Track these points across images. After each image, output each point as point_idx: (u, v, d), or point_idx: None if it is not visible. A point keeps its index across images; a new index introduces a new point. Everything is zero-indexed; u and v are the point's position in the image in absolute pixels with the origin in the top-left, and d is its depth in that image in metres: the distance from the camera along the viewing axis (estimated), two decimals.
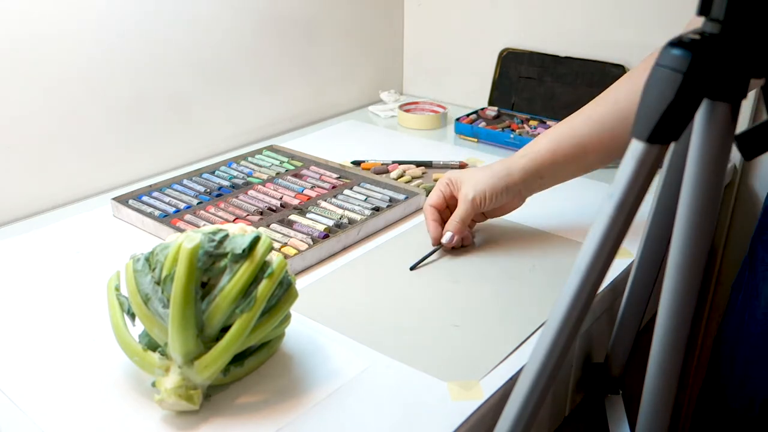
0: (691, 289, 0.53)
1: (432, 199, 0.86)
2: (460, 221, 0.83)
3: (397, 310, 0.74)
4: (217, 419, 0.59)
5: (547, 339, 0.50)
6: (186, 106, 1.11)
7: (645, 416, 0.62)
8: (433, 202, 0.86)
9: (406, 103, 1.37)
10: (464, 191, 0.83)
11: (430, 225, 0.85)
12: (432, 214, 0.85)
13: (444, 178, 0.86)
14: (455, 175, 0.85)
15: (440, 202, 0.86)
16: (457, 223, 0.83)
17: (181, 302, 0.56)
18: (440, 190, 0.86)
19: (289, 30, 1.24)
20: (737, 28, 0.42)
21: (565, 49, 1.25)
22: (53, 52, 0.92)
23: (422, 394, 0.62)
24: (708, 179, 0.47)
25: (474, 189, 0.82)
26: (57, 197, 0.98)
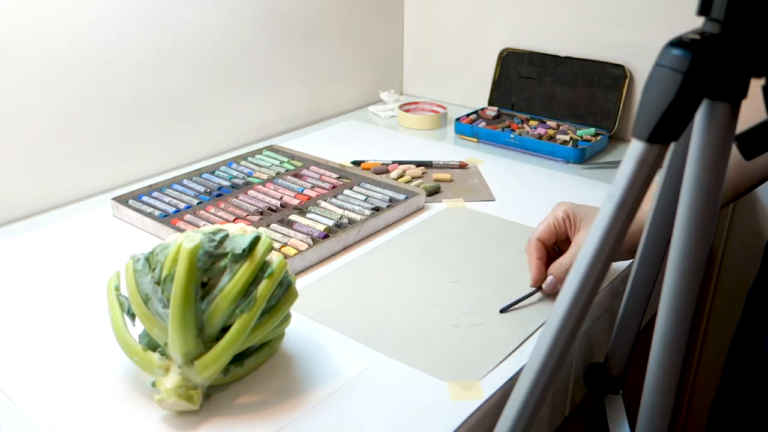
0: (691, 289, 0.53)
1: (542, 232, 0.75)
2: (566, 270, 0.71)
3: (397, 310, 0.74)
4: (217, 419, 0.59)
5: (547, 339, 0.50)
6: (186, 106, 1.11)
7: (645, 416, 0.62)
8: (542, 235, 0.74)
9: (406, 103, 1.37)
10: (581, 236, 0.72)
11: (533, 263, 0.74)
12: (539, 251, 0.74)
13: (560, 211, 0.74)
14: (575, 211, 0.74)
15: (550, 237, 0.74)
16: (563, 270, 0.72)
17: (181, 302, 0.56)
18: (553, 224, 0.74)
19: (290, 30, 1.24)
20: (737, 28, 0.42)
21: (565, 49, 1.25)
22: (53, 51, 0.92)
23: (422, 394, 0.62)
24: (708, 179, 0.47)
25: None
26: (57, 197, 0.98)
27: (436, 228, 0.91)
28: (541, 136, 1.18)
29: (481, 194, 1.02)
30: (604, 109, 1.21)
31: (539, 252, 0.74)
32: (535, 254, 0.74)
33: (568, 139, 1.16)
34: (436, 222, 0.93)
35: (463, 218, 0.94)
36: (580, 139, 1.17)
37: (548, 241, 0.75)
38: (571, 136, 1.17)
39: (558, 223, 0.74)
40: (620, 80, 1.19)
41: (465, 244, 0.87)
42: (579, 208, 0.75)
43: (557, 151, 1.14)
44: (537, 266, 0.74)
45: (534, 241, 0.75)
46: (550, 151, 1.15)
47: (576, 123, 1.23)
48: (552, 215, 0.75)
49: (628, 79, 1.19)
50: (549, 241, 0.75)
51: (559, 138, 1.17)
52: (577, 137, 1.17)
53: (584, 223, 0.73)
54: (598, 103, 1.22)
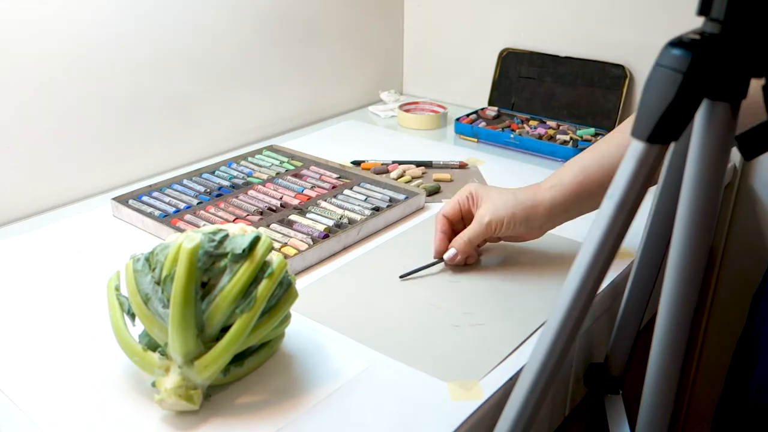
0: (691, 289, 0.53)
1: (447, 209, 0.81)
2: (467, 241, 0.78)
3: (397, 310, 0.74)
4: (217, 419, 0.59)
5: (547, 339, 0.50)
6: (186, 106, 1.11)
7: (645, 416, 0.62)
8: (447, 212, 0.81)
9: (406, 103, 1.37)
10: (482, 212, 0.78)
11: (437, 236, 0.81)
12: (443, 225, 0.81)
13: (465, 190, 0.81)
14: (479, 191, 0.80)
15: (455, 213, 0.81)
16: (464, 242, 0.78)
17: (181, 302, 0.56)
18: (458, 202, 0.81)
19: (290, 30, 1.24)
20: (737, 28, 0.42)
21: (565, 49, 1.25)
22: (53, 51, 0.92)
23: (422, 394, 0.62)
24: (708, 179, 0.47)
25: (492, 213, 0.77)
26: (57, 197, 0.98)
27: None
28: (541, 136, 1.18)
29: None
30: (604, 109, 1.21)
31: (443, 226, 0.81)
32: (439, 228, 0.81)
33: (568, 139, 1.16)
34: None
35: None
36: (580, 139, 1.17)
37: (453, 217, 0.81)
38: (571, 136, 1.17)
39: (462, 201, 0.81)
40: (620, 80, 1.19)
41: None
42: (483, 189, 0.80)
43: (557, 151, 1.14)
44: (440, 239, 0.81)
45: (439, 216, 0.82)
46: (550, 151, 1.15)
47: (576, 123, 1.23)
48: (458, 194, 0.82)
49: (628, 79, 1.19)
50: (454, 217, 0.81)
51: (559, 138, 1.17)
52: (577, 137, 1.17)
53: (483, 200, 0.79)
54: (598, 103, 1.22)
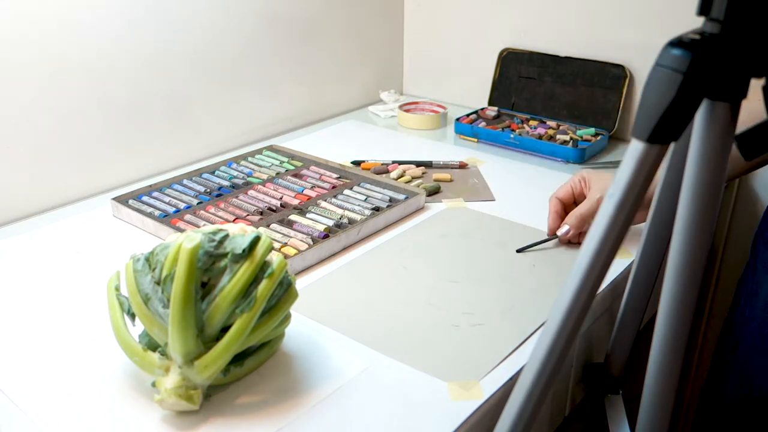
0: (691, 289, 0.53)
1: (560, 191, 0.87)
2: (579, 217, 0.83)
3: (397, 310, 0.74)
4: (217, 419, 0.59)
5: (547, 339, 0.50)
6: (186, 106, 1.11)
7: (645, 416, 0.62)
8: (560, 194, 0.87)
9: (406, 103, 1.37)
10: (593, 191, 0.83)
11: (551, 215, 0.87)
12: (555, 206, 0.87)
13: (578, 175, 0.87)
14: (590, 174, 0.85)
15: (568, 196, 0.86)
16: (576, 218, 0.83)
17: (181, 302, 0.56)
18: (571, 186, 0.86)
19: (290, 30, 1.24)
20: (737, 28, 0.42)
21: (565, 49, 1.25)
22: (53, 52, 0.92)
23: (422, 394, 0.62)
24: (708, 179, 0.47)
25: (603, 190, 0.81)
26: (57, 197, 0.98)
27: (436, 228, 0.91)
28: (541, 136, 1.18)
29: (481, 194, 1.02)
30: (604, 109, 1.21)
31: (556, 207, 0.87)
32: (553, 209, 0.87)
33: (568, 139, 1.16)
34: (436, 222, 0.93)
35: (463, 218, 0.94)
36: (580, 139, 1.17)
37: (566, 200, 0.87)
38: (571, 136, 1.17)
39: (575, 185, 0.86)
40: (620, 80, 1.19)
41: (465, 244, 0.87)
42: (595, 173, 0.86)
43: (557, 151, 1.14)
44: (553, 219, 0.86)
45: (553, 198, 0.88)
46: (550, 151, 1.15)
47: (576, 123, 1.23)
48: (571, 179, 0.87)
49: (628, 79, 1.19)
50: (567, 200, 0.87)
51: (559, 138, 1.17)
52: (577, 137, 1.17)
53: (595, 182, 0.84)
54: (598, 103, 1.22)
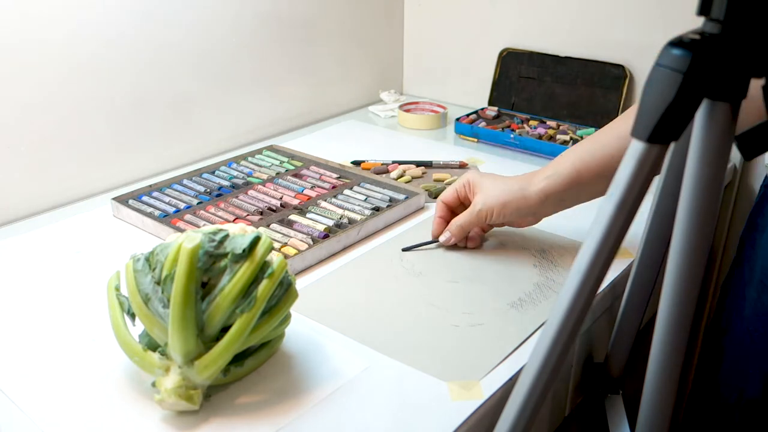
0: (691, 289, 0.53)
1: (446, 194, 0.86)
2: (459, 227, 0.83)
3: (397, 310, 0.74)
4: (217, 419, 0.59)
5: (547, 339, 0.50)
6: (186, 106, 1.11)
7: (645, 416, 0.62)
8: (445, 198, 0.86)
9: (406, 103, 1.37)
10: (475, 200, 0.82)
11: (435, 220, 0.86)
12: (441, 210, 0.86)
13: (464, 178, 0.85)
14: (476, 179, 0.83)
15: (453, 200, 0.85)
16: (457, 227, 0.83)
17: (181, 302, 0.56)
18: (456, 189, 0.85)
19: (290, 30, 1.24)
20: (737, 28, 0.42)
21: (565, 49, 1.25)
22: (53, 52, 0.92)
23: (422, 394, 0.62)
24: (708, 179, 0.48)
25: (484, 201, 0.81)
26: (57, 197, 0.98)
27: None
28: (541, 136, 1.18)
29: None
30: (604, 109, 1.21)
31: (441, 211, 0.86)
32: (438, 213, 0.87)
33: (568, 139, 1.16)
34: None
35: None
36: (580, 139, 1.17)
37: (451, 203, 0.86)
38: (571, 136, 1.17)
39: (459, 188, 0.85)
40: (620, 80, 1.19)
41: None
42: (480, 177, 0.84)
43: (557, 151, 1.14)
44: (437, 223, 0.86)
45: (439, 201, 0.87)
46: (550, 151, 1.15)
47: (576, 123, 1.23)
48: (457, 181, 0.86)
49: (628, 79, 1.19)
50: (452, 203, 0.86)
51: (559, 138, 1.17)
52: (577, 137, 1.17)
53: (479, 189, 0.83)
54: (598, 103, 1.22)
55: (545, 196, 0.78)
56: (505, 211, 0.80)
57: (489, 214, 0.80)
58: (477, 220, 0.81)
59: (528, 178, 0.80)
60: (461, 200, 0.85)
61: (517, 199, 0.79)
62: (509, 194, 0.79)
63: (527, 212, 0.80)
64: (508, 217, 0.81)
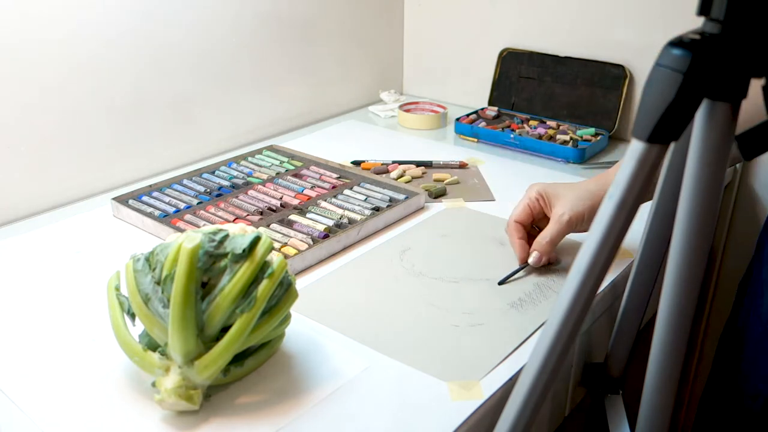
0: (692, 289, 0.53)
1: (519, 214, 0.80)
2: (550, 243, 0.77)
3: (397, 310, 0.74)
4: (217, 419, 0.59)
5: (547, 339, 0.50)
6: (186, 106, 1.11)
7: (645, 416, 0.62)
8: (519, 217, 0.80)
9: (406, 103, 1.37)
10: (558, 210, 0.77)
11: (516, 243, 0.80)
12: (519, 232, 0.80)
13: (533, 192, 0.80)
14: (548, 190, 0.79)
15: (527, 218, 0.80)
16: (547, 244, 0.77)
17: (181, 302, 0.56)
18: (529, 206, 0.80)
19: (290, 30, 1.24)
20: (737, 28, 0.42)
21: (565, 49, 1.25)
22: (53, 52, 0.92)
23: (422, 394, 0.62)
24: (708, 179, 0.48)
25: (571, 209, 0.76)
26: (57, 197, 0.98)
27: (436, 228, 0.91)
28: (541, 136, 1.18)
29: (481, 194, 1.02)
30: (604, 109, 1.21)
31: (519, 233, 0.80)
32: (516, 235, 0.80)
33: (568, 139, 1.16)
34: (436, 222, 0.93)
35: (463, 218, 0.94)
36: (580, 139, 1.17)
37: (526, 221, 0.81)
38: (571, 136, 1.17)
39: (533, 204, 0.80)
40: (620, 80, 1.19)
41: (465, 244, 0.87)
42: (551, 187, 0.80)
43: (557, 151, 1.14)
44: (520, 245, 0.80)
45: (512, 223, 0.81)
46: (550, 151, 1.15)
47: (576, 123, 1.23)
48: (527, 197, 0.81)
49: (628, 79, 1.19)
50: (526, 221, 0.81)
51: (559, 138, 1.17)
52: (577, 137, 1.17)
53: (557, 198, 0.78)
54: (598, 103, 1.22)
55: None
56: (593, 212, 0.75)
57: (579, 220, 0.77)
58: (567, 229, 0.77)
59: (603, 178, 0.78)
60: (535, 216, 0.81)
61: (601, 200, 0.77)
62: (592, 196, 0.77)
63: None
64: None
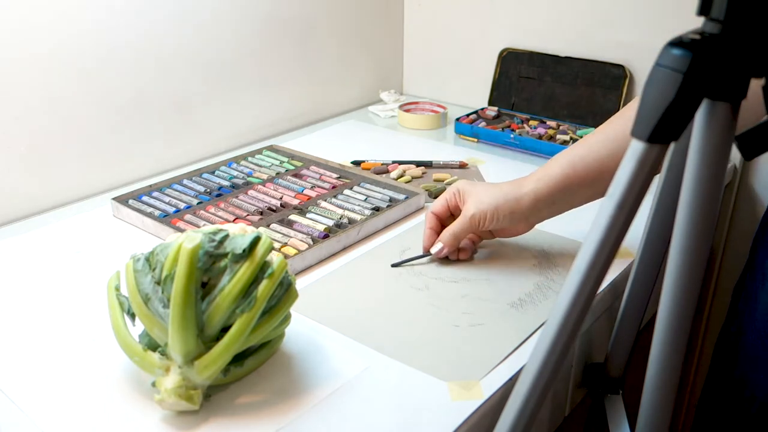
0: (692, 289, 0.53)
1: (435, 205, 0.84)
2: (452, 235, 0.81)
3: (397, 310, 0.74)
4: (217, 419, 0.59)
5: (547, 339, 0.50)
6: (186, 106, 1.11)
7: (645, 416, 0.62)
8: (435, 209, 0.84)
9: (406, 103, 1.37)
10: (467, 206, 0.80)
11: (426, 232, 0.84)
12: (431, 221, 0.84)
13: (453, 187, 0.83)
14: (465, 187, 0.82)
15: (443, 210, 0.84)
16: (449, 236, 0.81)
17: (181, 302, 0.56)
18: (446, 199, 0.83)
19: (290, 30, 1.24)
20: (737, 28, 0.42)
21: (565, 49, 1.25)
22: (53, 52, 0.92)
23: (422, 394, 0.62)
24: (708, 179, 0.47)
25: (476, 207, 0.79)
26: (57, 197, 0.98)
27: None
28: (541, 136, 1.18)
29: None
30: (604, 109, 1.21)
31: (432, 223, 0.84)
32: (428, 224, 0.84)
33: (568, 139, 1.16)
34: None
35: None
36: (580, 139, 1.16)
37: (441, 214, 0.84)
38: (571, 136, 1.17)
39: (450, 198, 0.83)
40: (620, 80, 1.19)
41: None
42: (470, 185, 0.82)
43: (557, 151, 1.14)
44: (428, 235, 0.84)
45: (429, 213, 0.85)
46: (550, 151, 1.15)
47: (576, 123, 1.23)
48: (447, 191, 0.84)
49: (628, 79, 1.19)
50: (442, 214, 0.84)
51: (559, 138, 1.17)
52: (577, 137, 1.17)
53: (469, 195, 0.81)
54: (598, 103, 1.22)
55: (536, 199, 0.77)
56: (498, 214, 0.78)
57: (482, 219, 0.79)
58: (470, 226, 0.80)
59: (519, 182, 0.80)
60: (451, 210, 0.84)
61: (509, 202, 0.78)
62: (501, 198, 0.78)
63: (519, 216, 0.79)
64: (500, 222, 0.79)
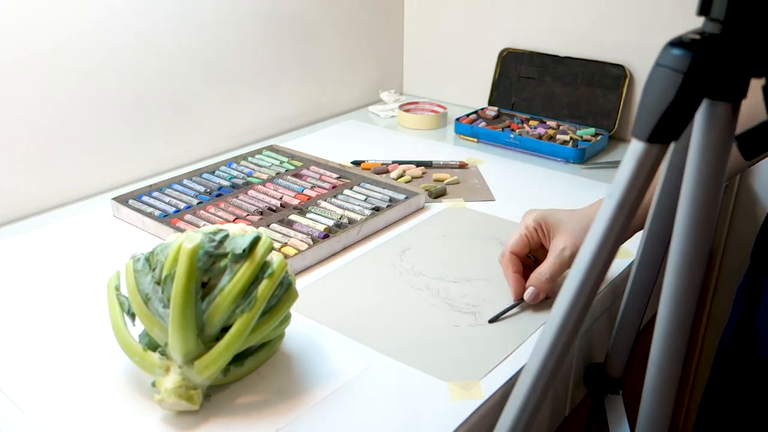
0: (692, 289, 0.53)
1: (515, 245, 0.73)
2: (550, 279, 0.70)
3: (397, 310, 0.74)
4: (217, 419, 0.59)
5: (547, 339, 0.50)
6: (186, 106, 1.11)
7: (645, 416, 0.62)
8: (515, 248, 0.73)
9: (406, 103, 1.37)
10: (559, 243, 0.70)
11: (511, 277, 0.73)
12: (513, 264, 0.73)
13: (531, 220, 0.72)
14: (546, 219, 0.72)
15: (524, 249, 0.73)
16: (546, 281, 0.70)
17: (181, 302, 0.56)
18: (526, 236, 0.72)
19: (290, 30, 1.24)
20: (737, 28, 0.42)
21: (565, 49, 1.25)
22: (53, 52, 0.92)
23: (422, 394, 0.62)
24: (708, 179, 0.47)
25: (573, 244, 0.69)
26: (57, 197, 0.98)
27: (436, 228, 0.91)
28: (541, 136, 1.18)
29: (481, 194, 1.02)
30: (604, 109, 1.21)
31: (514, 265, 0.73)
32: (511, 268, 0.73)
33: (568, 139, 1.16)
34: (436, 222, 0.93)
35: (463, 218, 0.94)
36: (580, 139, 1.17)
37: (522, 253, 0.74)
38: (571, 136, 1.17)
39: (530, 234, 0.73)
40: (620, 80, 1.19)
41: (465, 244, 0.87)
42: (550, 215, 0.73)
43: (557, 151, 1.14)
44: (515, 279, 0.72)
45: (507, 254, 0.73)
46: (550, 151, 1.15)
47: (576, 123, 1.23)
48: (522, 226, 0.74)
49: (628, 79, 1.19)
50: (523, 253, 0.74)
51: (559, 138, 1.17)
52: (577, 137, 1.17)
53: (556, 229, 0.71)
54: (598, 103, 1.22)
55: None
56: None
57: None
58: (569, 264, 0.69)
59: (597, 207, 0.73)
60: (532, 246, 0.73)
61: None
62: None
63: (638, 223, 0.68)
64: None
